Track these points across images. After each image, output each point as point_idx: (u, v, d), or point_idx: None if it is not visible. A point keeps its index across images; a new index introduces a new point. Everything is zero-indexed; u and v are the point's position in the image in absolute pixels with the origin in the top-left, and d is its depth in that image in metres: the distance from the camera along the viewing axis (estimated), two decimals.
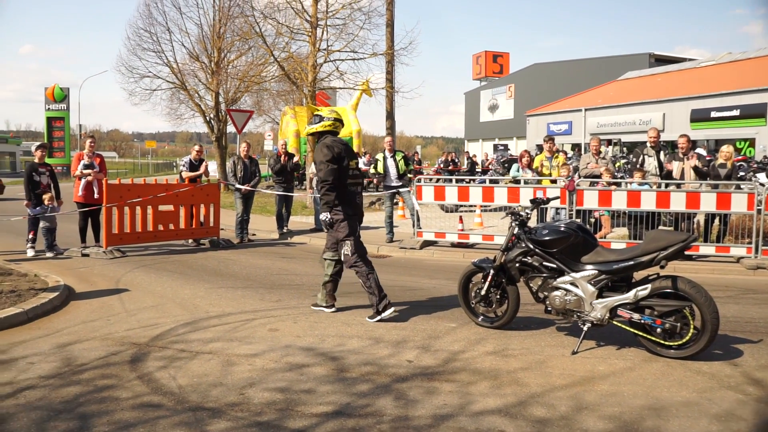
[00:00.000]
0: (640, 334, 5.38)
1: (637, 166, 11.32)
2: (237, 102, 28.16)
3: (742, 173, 15.17)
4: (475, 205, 13.83)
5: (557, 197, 8.77)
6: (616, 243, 10.31)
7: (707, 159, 11.76)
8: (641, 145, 12.24)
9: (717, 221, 10.48)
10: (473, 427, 3.98)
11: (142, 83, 28.96)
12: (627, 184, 11.02)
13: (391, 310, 6.68)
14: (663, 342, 5.27)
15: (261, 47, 24.14)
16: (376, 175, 13.54)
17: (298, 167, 14.91)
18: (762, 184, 10.24)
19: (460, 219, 12.84)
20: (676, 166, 10.68)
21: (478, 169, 28.28)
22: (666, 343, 5.26)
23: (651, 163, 11.20)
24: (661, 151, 11.31)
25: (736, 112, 27.03)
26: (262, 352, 5.50)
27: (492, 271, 6.17)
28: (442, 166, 25.66)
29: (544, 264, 5.84)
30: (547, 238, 5.79)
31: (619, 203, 10.49)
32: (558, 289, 5.75)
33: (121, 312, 7.05)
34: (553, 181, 11.31)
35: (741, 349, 5.54)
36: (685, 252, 5.49)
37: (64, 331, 6.26)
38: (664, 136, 19.52)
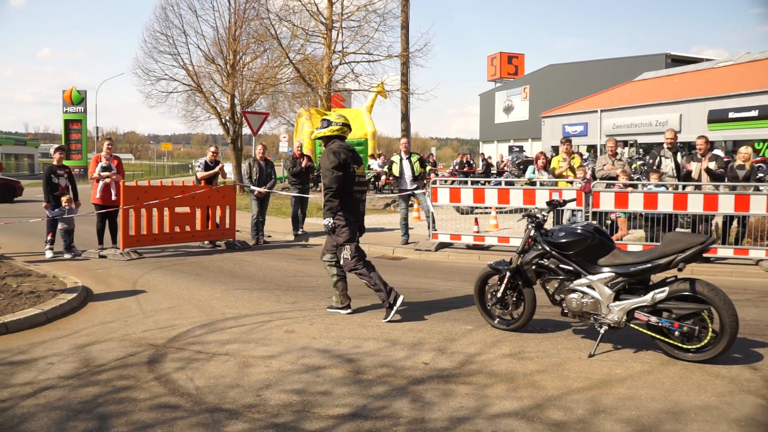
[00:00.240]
0: (658, 337, 5.34)
1: (654, 167, 11.24)
2: (252, 104, 28.25)
3: (761, 174, 15.02)
4: (490, 207, 13.80)
5: (573, 199, 8.72)
6: (632, 245, 10.25)
7: (725, 160, 11.66)
8: (658, 147, 12.16)
9: (735, 223, 10.39)
10: (490, 430, 3.97)
11: (159, 86, 29.16)
12: (643, 185, 10.95)
13: (401, 299, 6.76)
14: (681, 345, 5.22)
15: (276, 49, 24.24)
16: (390, 176, 13.55)
17: (313, 169, 14.95)
18: None
19: (476, 221, 12.82)
20: (695, 167, 10.60)
21: (493, 171, 28.23)
22: (684, 346, 5.21)
23: (668, 164, 11.11)
24: (678, 153, 11.23)
25: (754, 113, 26.77)
26: (279, 354, 5.52)
27: (508, 274, 6.16)
28: (457, 167, 25.63)
29: (560, 266, 5.82)
30: (563, 241, 5.76)
31: (636, 205, 10.42)
32: (574, 291, 5.72)
33: (139, 313, 7.10)
34: (570, 183, 11.26)
35: (761, 353, 5.49)
36: (703, 254, 5.45)
37: (83, 332, 6.31)
38: (681, 137, 19.37)
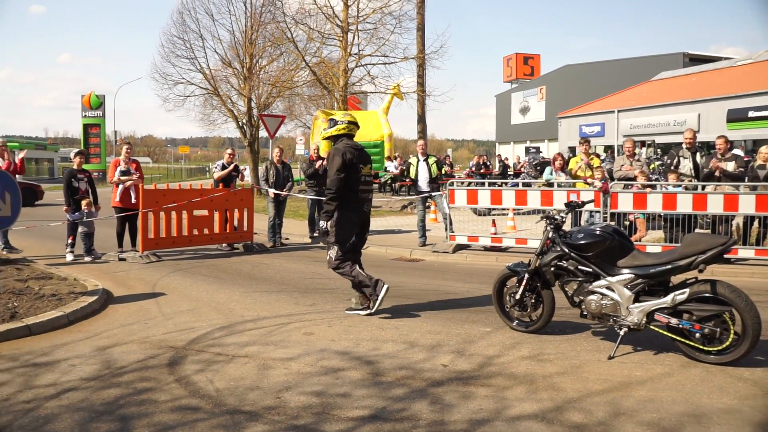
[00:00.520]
0: (679, 339, 5.30)
1: (671, 167, 11.16)
2: (269, 107, 28.39)
3: None
4: (507, 209, 13.76)
5: (592, 200, 8.69)
6: (651, 246, 10.18)
7: (745, 160, 11.54)
8: (676, 147, 12.06)
9: (756, 224, 10.27)
10: None
11: (176, 89, 29.38)
12: (662, 186, 10.87)
13: (385, 288, 6.86)
14: (702, 347, 5.17)
15: (292, 52, 24.36)
16: (408, 178, 13.57)
17: None
18: None
19: (493, 222, 12.78)
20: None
21: (510, 172, 28.13)
22: (705, 348, 5.16)
23: (686, 164, 11.03)
24: (697, 153, 11.14)
25: None
26: (298, 356, 5.54)
27: (527, 275, 6.14)
28: (473, 169, 25.57)
29: (579, 268, 5.79)
30: (582, 242, 5.74)
31: (655, 206, 10.34)
32: (594, 293, 5.69)
33: (158, 316, 7.16)
34: (589, 184, 11.20)
35: None
36: (723, 256, 5.40)
37: (104, 335, 6.37)
38: (699, 137, 19.20)
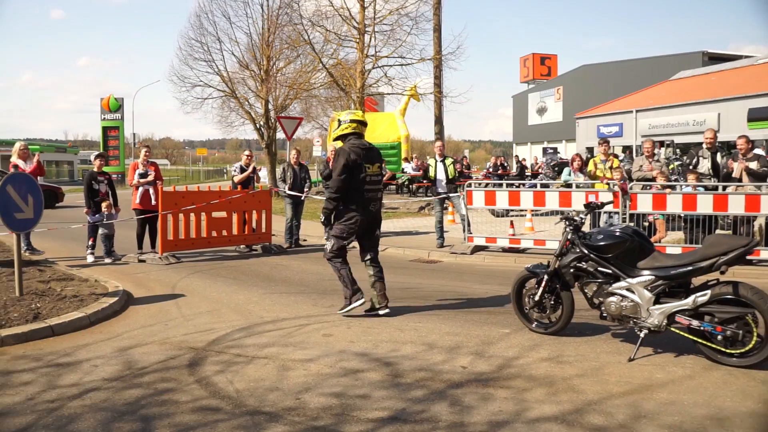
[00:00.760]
0: (700, 341, 5.25)
1: (690, 167, 11.06)
2: (286, 109, 28.51)
3: None
4: (525, 210, 13.71)
5: (611, 201, 8.63)
6: (671, 247, 10.09)
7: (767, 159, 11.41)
8: (696, 146, 11.96)
9: None
10: None
11: (194, 92, 29.62)
12: (682, 186, 10.77)
13: (361, 301, 6.99)
14: (724, 350, 5.12)
15: (309, 54, 24.45)
16: (426, 179, 13.56)
17: None
18: None
19: (511, 224, 12.74)
20: (736, 167, 10.39)
21: (527, 173, 28.02)
22: (727, 350, 5.11)
23: (705, 164, 10.93)
24: (718, 153, 11.03)
25: None
26: (317, 357, 5.56)
27: (546, 277, 6.12)
28: (491, 170, 25.51)
29: (599, 269, 5.76)
30: (602, 243, 5.71)
31: (675, 206, 10.25)
32: (614, 294, 5.66)
33: (178, 317, 7.21)
34: (608, 185, 11.13)
35: None
36: (746, 257, 5.34)
37: (124, 335, 6.44)
38: (720, 137, 18.99)
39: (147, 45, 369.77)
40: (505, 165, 28.46)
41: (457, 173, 12.58)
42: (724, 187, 10.23)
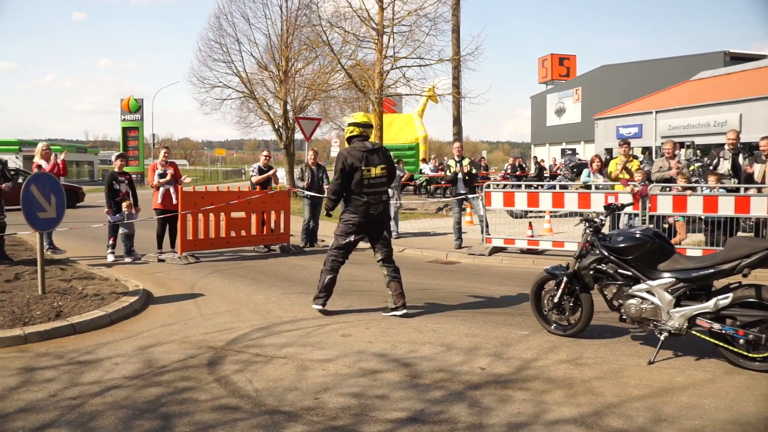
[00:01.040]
0: (721, 344, 5.20)
1: (710, 168, 10.95)
2: (304, 110, 28.59)
3: None
4: (544, 211, 13.66)
5: (631, 203, 8.58)
6: (692, 250, 10.00)
7: None
8: (717, 147, 11.85)
9: None
10: None
11: (213, 93, 29.74)
12: (702, 188, 10.67)
13: (316, 307, 7.19)
14: (746, 354, 5.07)
15: (328, 55, 24.50)
16: (446, 180, 13.53)
17: None
18: None
19: (530, 225, 12.70)
20: (758, 169, 10.26)
21: (546, 174, 27.89)
22: (750, 354, 5.05)
23: (725, 165, 10.82)
24: (740, 154, 10.92)
25: None
26: (335, 358, 5.58)
27: (565, 279, 6.09)
28: (509, 171, 25.42)
29: (619, 271, 5.73)
30: (622, 245, 5.68)
31: (695, 208, 10.15)
32: (633, 297, 5.62)
33: (198, 316, 7.27)
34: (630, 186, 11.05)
35: None
36: None
37: (144, 334, 6.49)
38: (741, 138, 18.80)
39: (167, 46, 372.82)
40: (524, 166, 28.34)
41: (473, 170, 12.54)
42: (746, 189, 10.12)
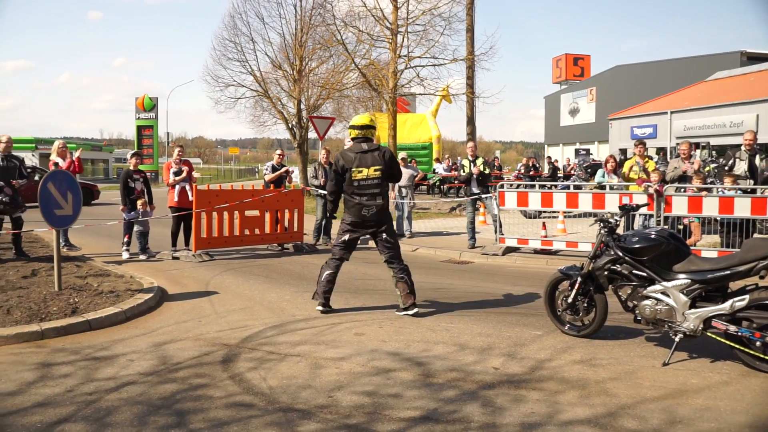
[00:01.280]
0: (737, 347, 5.16)
1: (726, 169, 10.87)
2: (318, 109, 28.64)
3: None
4: (557, 212, 13.61)
5: (646, 204, 8.53)
6: (706, 251, 9.93)
7: None
8: (733, 148, 11.75)
9: None
10: None
11: (227, 92, 29.84)
12: (718, 189, 10.59)
13: (319, 308, 7.31)
14: (763, 356, 5.02)
15: (342, 54, 24.49)
16: (460, 180, 13.52)
17: None
18: None
19: (543, 225, 12.66)
20: None
21: (559, 174, 27.78)
22: (766, 357, 5.01)
23: (741, 166, 10.73)
24: (757, 155, 10.83)
25: None
26: (349, 356, 5.60)
27: (579, 279, 6.07)
28: (522, 171, 25.33)
29: (633, 272, 5.70)
30: (637, 246, 5.65)
31: (711, 209, 10.07)
32: (648, 298, 5.60)
33: (212, 314, 7.31)
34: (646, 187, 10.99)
35: None
36: None
37: (159, 331, 6.54)
38: (758, 139, 18.64)
39: (181, 45, 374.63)
40: (537, 166, 28.24)
41: (486, 170, 12.52)
42: (763, 191, 10.03)
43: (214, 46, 30.04)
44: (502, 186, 12.32)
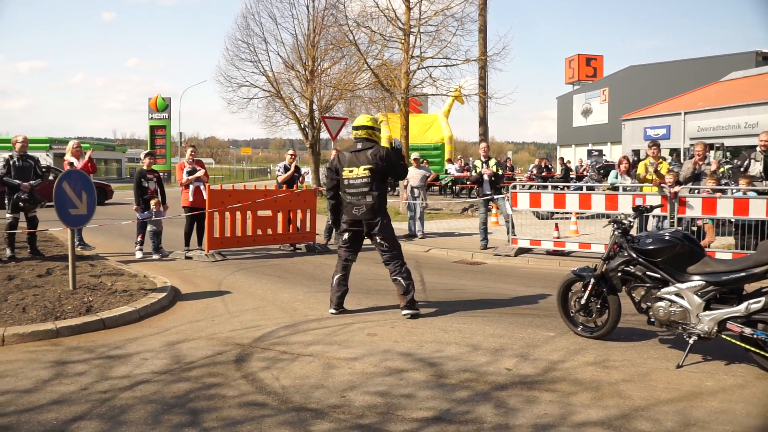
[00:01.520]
0: (753, 349, 5.12)
1: (740, 170, 10.78)
2: (330, 109, 28.69)
3: None
4: (570, 213, 13.56)
5: (660, 205, 8.49)
6: (721, 253, 9.86)
7: None
8: (748, 149, 11.66)
9: None
10: None
11: (240, 92, 29.98)
12: (732, 191, 10.51)
13: (332, 310, 7.30)
14: None
15: (354, 55, 24.55)
16: (472, 181, 13.50)
17: None
18: None
19: (556, 226, 12.62)
20: None
21: (572, 175, 27.68)
22: None
23: (756, 168, 10.65)
24: None
25: None
26: (362, 356, 5.60)
27: (593, 280, 6.05)
28: (534, 172, 25.26)
29: (647, 274, 5.67)
30: (651, 247, 5.62)
31: (725, 211, 9.99)
32: (662, 299, 5.56)
33: (224, 313, 7.34)
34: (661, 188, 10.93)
35: None
36: None
37: (172, 330, 6.57)
38: None
39: (194, 46, 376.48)
40: (550, 167, 28.15)
41: (499, 170, 12.50)
42: None
43: (227, 47, 30.16)
44: (515, 187, 12.28)
